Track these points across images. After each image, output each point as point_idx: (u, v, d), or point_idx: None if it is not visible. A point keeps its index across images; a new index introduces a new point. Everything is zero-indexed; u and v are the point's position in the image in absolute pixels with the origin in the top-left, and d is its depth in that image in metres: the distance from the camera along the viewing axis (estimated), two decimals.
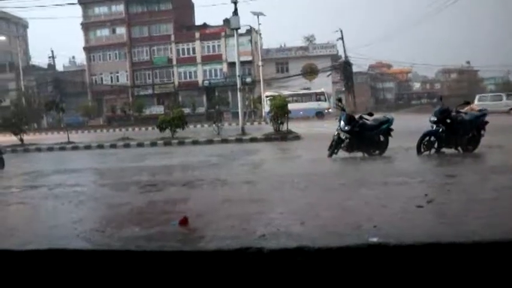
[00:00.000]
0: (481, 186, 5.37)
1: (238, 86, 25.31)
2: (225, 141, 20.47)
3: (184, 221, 3.25)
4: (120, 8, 60.04)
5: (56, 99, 32.78)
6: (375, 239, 2.38)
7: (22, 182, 9.02)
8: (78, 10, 60.06)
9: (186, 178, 8.01)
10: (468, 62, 75.47)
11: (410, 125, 13.35)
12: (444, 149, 10.57)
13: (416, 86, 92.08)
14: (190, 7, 62.54)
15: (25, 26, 74.38)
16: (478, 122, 10.69)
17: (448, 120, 10.53)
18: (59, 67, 63.97)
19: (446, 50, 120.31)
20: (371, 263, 1.75)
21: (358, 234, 2.69)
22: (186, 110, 38.33)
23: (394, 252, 1.79)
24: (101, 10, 60.98)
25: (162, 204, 4.77)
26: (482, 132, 10.65)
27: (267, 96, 40.25)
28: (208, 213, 4.04)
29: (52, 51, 59.89)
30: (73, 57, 68.69)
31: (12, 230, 3.64)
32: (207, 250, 2.18)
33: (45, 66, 64.67)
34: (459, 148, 10.62)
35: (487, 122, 10.75)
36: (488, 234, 2.73)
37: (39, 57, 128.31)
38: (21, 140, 23.04)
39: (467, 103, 13.56)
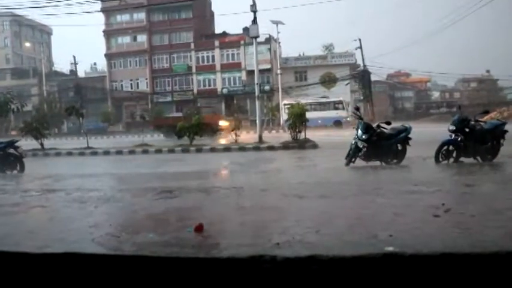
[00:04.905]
0: (500, 196, 5.30)
1: (256, 94, 25.37)
2: (242, 149, 20.52)
3: (199, 228, 3.27)
4: (142, 16, 60.77)
5: (76, 104, 33.17)
6: (390, 248, 2.36)
7: (41, 185, 9.14)
8: (100, 18, 60.80)
9: (202, 185, 8.04)
10: (488, 71, 74.75)
11: (428, 134, 13.23)
12: (463, 158, 10.48)
13: (436, 95, 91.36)
14: (210, 16, 63.00)
15: (49, 33, 75.69)
16: (498, 131, 10.57)
17: (467, 129, 10.45)
18: (81, 73, 64.88)
19: (466, 59, 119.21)
20: (386, 272, 1.74)
21: (374, 243, 2.67)
22: None
23: (410, 261, 1.77)
24: (122, 18, 61.78)
25: (177, 211, 4.79)
26: (501, 141, 10.54)
27: (285, 105, 40.35)
28: (224, 220, 4.06)
29: (74, 58, 60.86)
30: (94, 64, 69.68)
31: (30, 233, 3.69)
32: (221, 257, 2.19)
33: (67, 72, 65.67)
34: (478, 157, 10.51)
35: (506, 131, 10.64)
36: (506, 244, 2.69)
37: (61, 64, 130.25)
38: (42, 144, 23.39)
39: (487, 112, 13.44)
